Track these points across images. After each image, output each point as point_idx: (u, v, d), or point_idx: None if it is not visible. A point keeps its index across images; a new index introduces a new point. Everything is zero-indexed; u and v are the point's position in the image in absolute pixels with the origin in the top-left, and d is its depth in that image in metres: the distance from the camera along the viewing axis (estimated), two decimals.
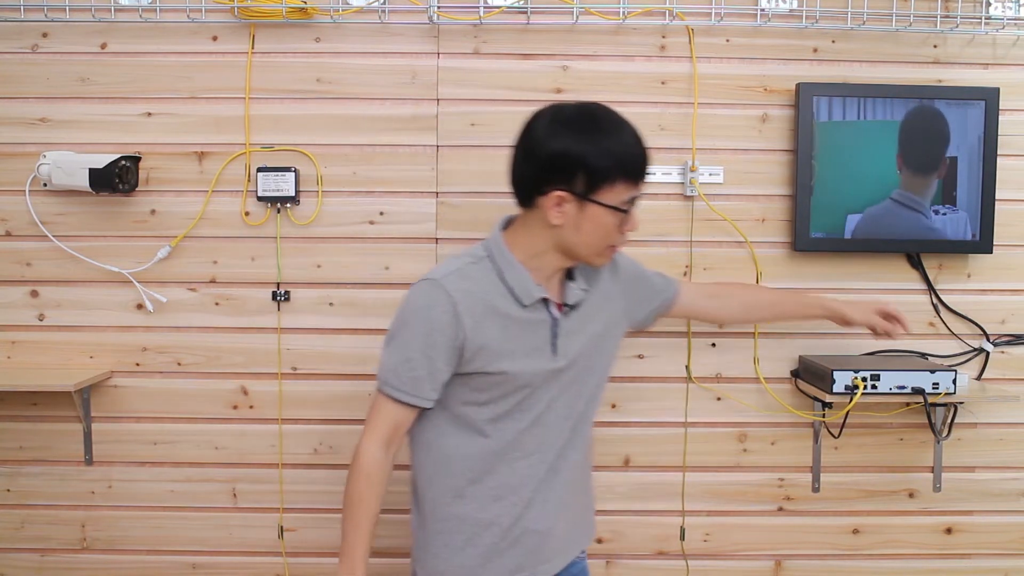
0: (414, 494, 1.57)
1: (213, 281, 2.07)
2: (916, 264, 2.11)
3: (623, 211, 1.44)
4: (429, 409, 1.51)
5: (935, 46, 2.08)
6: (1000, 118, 2.03)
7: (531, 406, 1.50)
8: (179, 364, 2.08)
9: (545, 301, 1.50)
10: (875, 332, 1.85)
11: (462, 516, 1.51)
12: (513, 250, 1.49)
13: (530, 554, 1.54)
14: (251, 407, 2.09)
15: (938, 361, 2.09)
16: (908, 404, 2.06)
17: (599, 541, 2.12)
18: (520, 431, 1.50)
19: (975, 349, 2.13)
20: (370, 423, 1.49)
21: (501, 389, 1.48)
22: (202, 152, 2.05)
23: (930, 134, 2.02)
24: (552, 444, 1.53)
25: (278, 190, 2.01)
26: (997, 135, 2.03)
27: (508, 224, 1.54)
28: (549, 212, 1.43)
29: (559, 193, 1.42)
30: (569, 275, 1.55)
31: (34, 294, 2.07)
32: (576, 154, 1.40)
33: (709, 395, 2.11)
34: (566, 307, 1.52)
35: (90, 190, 1.96)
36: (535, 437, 1.51)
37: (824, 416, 2.08)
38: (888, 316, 1.85)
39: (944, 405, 2.02)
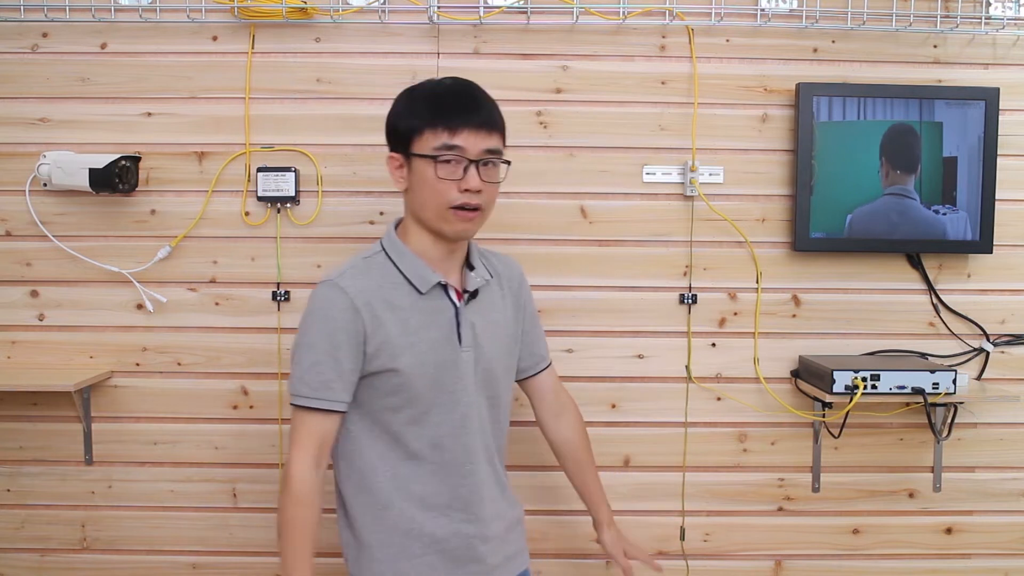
0: (341, 507, 1.56)
1: (213, 281, 2.07)
2: (916, 264, 2.11)
3: (434, 158, 1.44)
4: (350, 421, 1.50)
5: (935, 46, 2.08)
6: (1000, 118, 2.03)
7: (448, 409, 1.50)
8: (179, 364, 2.08)
9: (444, 288, 1.51)
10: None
11: (391, 527, 1.50)
12: (405, 241, 1.53)
13: (465, 566, 1.52)
14: (251, 407, 2.09)
15: (938, 361, 2.09)
16: (908, 404, 2.06)
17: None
18: (440, 437, 1.50)
19: (975, 349, 2.13)
20: (295, 441, 1.47)
21: (411, 390, 1.47)
22: (202, 152, 2.05)
23: (906, 148, 2.02)
24: (475, 451, 1.52)
25: (278, 190, 2.01)
26: (997, 135, 2.03)
27: (400, 223, 1.58)
28: (393, 178, 1.52)
29: (391, 154, 1.51)
30: (469, 267, 1.57)
31: (34, 294, 2.07)
32: (392, 115, 1.52)
33: (709, 395, 2.11)
34: (466, 293, 1.53)
35: (90, 190, 1.96)
36: (458, 443, 1.51)
37: (824, 416, 2.08)
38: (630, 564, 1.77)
39: (944, 405, 2.02)
